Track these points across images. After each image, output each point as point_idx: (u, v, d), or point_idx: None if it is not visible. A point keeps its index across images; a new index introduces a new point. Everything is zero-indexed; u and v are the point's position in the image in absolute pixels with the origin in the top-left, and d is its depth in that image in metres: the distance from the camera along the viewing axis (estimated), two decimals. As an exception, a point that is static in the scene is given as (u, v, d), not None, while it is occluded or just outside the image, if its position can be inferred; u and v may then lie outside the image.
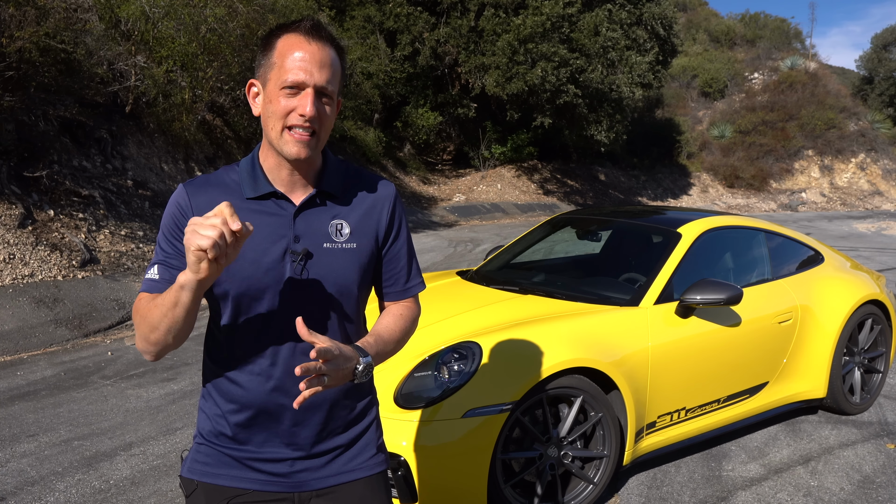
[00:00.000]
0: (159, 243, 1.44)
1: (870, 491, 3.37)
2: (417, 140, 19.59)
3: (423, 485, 2.66)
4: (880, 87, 34.95)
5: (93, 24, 8.91)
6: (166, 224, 1.43)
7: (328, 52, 1.38)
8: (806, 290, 4.11)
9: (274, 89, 1.36)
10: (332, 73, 1.38)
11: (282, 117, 1.36)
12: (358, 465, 1.51)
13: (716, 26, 37.55)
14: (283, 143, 1.37)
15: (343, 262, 1.45)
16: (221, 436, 1.47)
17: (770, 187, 28.53)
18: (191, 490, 1.48)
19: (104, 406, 4.29)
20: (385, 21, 17.76)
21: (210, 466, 1.48)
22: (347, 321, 1.49)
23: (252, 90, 1.43)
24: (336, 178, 1.49)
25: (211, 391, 1.49)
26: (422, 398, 2.75)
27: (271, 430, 1.45)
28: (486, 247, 11.81)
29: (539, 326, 3.08)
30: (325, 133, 1.41)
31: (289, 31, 1.38)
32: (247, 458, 1.46)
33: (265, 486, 1.46)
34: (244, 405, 1.44)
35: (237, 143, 12.64)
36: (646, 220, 4.41)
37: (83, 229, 7.48)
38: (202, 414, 1.51)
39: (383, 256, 1.55)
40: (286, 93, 1.35)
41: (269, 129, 1.39)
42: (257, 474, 1.46)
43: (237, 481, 1.46)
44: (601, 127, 19.47)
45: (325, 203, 1.46)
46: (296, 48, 1.35)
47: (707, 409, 3.60)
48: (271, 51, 1.38)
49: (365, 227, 1.49)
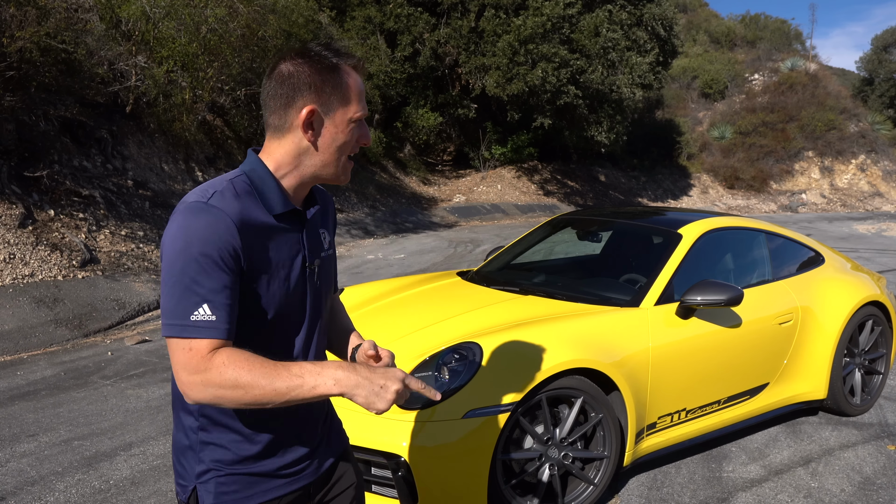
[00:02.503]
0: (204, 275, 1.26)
1: (870, 492, 3.37)
2: (418, 141, 19.59)
3: (423, 485, 2.66)
4: (880, 88, 34.94)
5: (93, 24, 8.91)
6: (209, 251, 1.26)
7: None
8: (806, 292, 4.11)
9: (343, 122, 1.42)
10: None
11: (349, 147, 1.45)
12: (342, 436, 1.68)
13: (716, 27, 37.55)
14: (342, 170, 1.46)
15: (332, 268, 1.60)
16: (247, 459, 1.42)
17: (770, 188, 28.53)
18: None
19: (104, 406, 4.29)
20: (385, 22, 17.76)
21: (239, 493, 1.42)
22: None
23: (312, 117, 1.38)
24: (317, 192, 1.58)
25: (222, 419, 1.41)
26: (422, 399, 2.75)
27: (294, 436, 1.49)
28: (487, 247, 11.81)
29: (539, 327, 3.08)
30: None
31: (354, 67, 1.44)
32: (275, 469, 1.46)
33: (293, 485, 1.49)
34: (272, 416, 1.41)
35: (237, 143, 12.64)
36: (646, 221, 4.41)
37: (83, 229, 7.48)
38: (215, 447, 1.41)
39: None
40: (354, 126, 1.44)
41: (328, 157, 1.42)
42: (282, 480, 1.47)
43: (269, 494, 1.45)
44: (601, 128, 19.47)
45: (316, 215, 1.54)
46: (358, 83, 1.44)
47: (707, 410, 3.60)
48: (343, 88, 1.40)
49: (331, 232, 1.63)
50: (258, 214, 1.35)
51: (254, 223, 1.34)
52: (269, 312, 1.38)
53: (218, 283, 1.26)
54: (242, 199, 1.35)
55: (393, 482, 2.68)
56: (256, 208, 1.36)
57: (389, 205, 16.22)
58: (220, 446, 1.41)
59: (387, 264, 9.75)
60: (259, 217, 1.35)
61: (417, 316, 3.50)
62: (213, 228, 1.27)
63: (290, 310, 1.43)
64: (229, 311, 1.28)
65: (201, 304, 1.25)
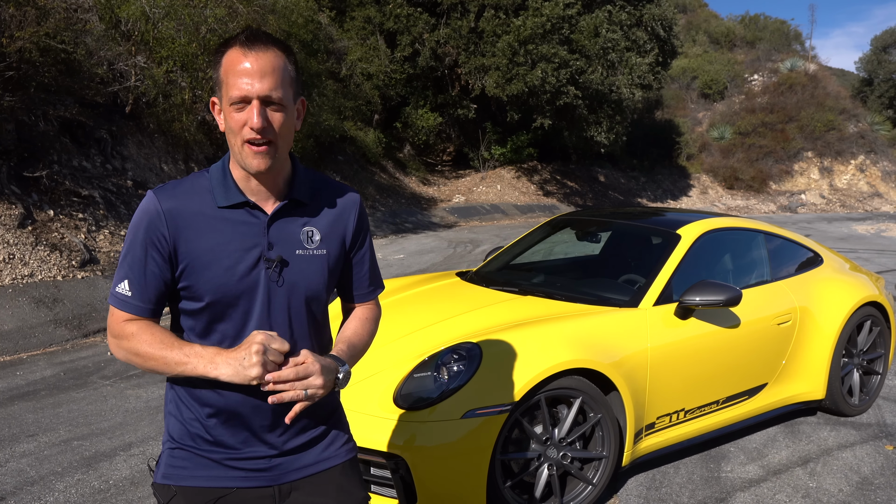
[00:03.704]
0: (128, 253, 1.43)
1: (868, 492, 3.37)
2: (417, 141, 19.59)
3: (423, 486, 2.66)
4: (880, 88, 34.95)
5: (93, 24, 8.91)
6: (136, 233, 1.42)
7: (269, 57, 1.37)
8: (805, 292, 4.11)
9: (226, 106, 1.39)
10: (277, 79, 1.38)
11: (237, 132, 1.38)
12: (332, 453, 1.57)
13: (716, 28, 37.55)
14: (244, 157, 1.40)
15: (314, 267, 1.50)
16: (198, 438, 1.48)
17: (769, 189, 28.54)
18: (169, 496, 1.48)
19: (104, 406, 4.29)
20: (385, 22, 17.76)
21: (188, 470, 1.48)
22: (317, 324, 1.55)
23: (215, 107, 1.46)
24: (305, 187, 1.52)
25: (182, 395, 1.49)
26: (421, 399, 2.75)
27: (249, 432, 1.48)
28: (486, 248, 11.82)
29: (538, 327, 3.09)
30: (283, 141, 1.42)
31: (229, 47, 1.39)
32: (225, 459, 1.48)
33: (246, 483, 1.48)
34: (220, 409, 1.46)
35: (237, 143, 12.63)
36: (645, 222, 4.41)
37: (83, 229, 7.48)
38: (172, 419, 1.51)
39: (351, 261, 1.61)
40: (235, 108, 1.37)
41: (231, 145, 1.42)
42: (237, 472, 1.48)
43: (218, 481, 1.47)
44: (601, 128, 19.47)
45: (297, 211, 1.49)
46: (236, 62, 1.37)
47: (706, 410, 3.61)
48: (218, 68, 1.41)
49: (333, 233, 1.54)
50: (202, 206, 1.43)
51: (191, 213, 1.41)
52: (204, 298, 1.43)
53: (139, 263, 1.41)
54: (193, 192, 1.44)
55: (392, 482, 2.69)
56: (203, 200, 1.44)
57: (389, 205, 16.22)
58: (178, 420, 1.50)
59: (386, 265, 9.76)
60: (201, 208, 1.42)
61: (417, 316, 3.50)
62: (145, 213, 1.42)
63: (232, 300, 1.43)
64: (144, 290, 1.42)
65: (123, 280, 1.43)
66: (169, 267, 1.42)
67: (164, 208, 1.41)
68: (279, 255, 1.45)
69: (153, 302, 1.43)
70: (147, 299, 1.42)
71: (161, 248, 1.41)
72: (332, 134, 14.62)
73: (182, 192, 1.44)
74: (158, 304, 1.45)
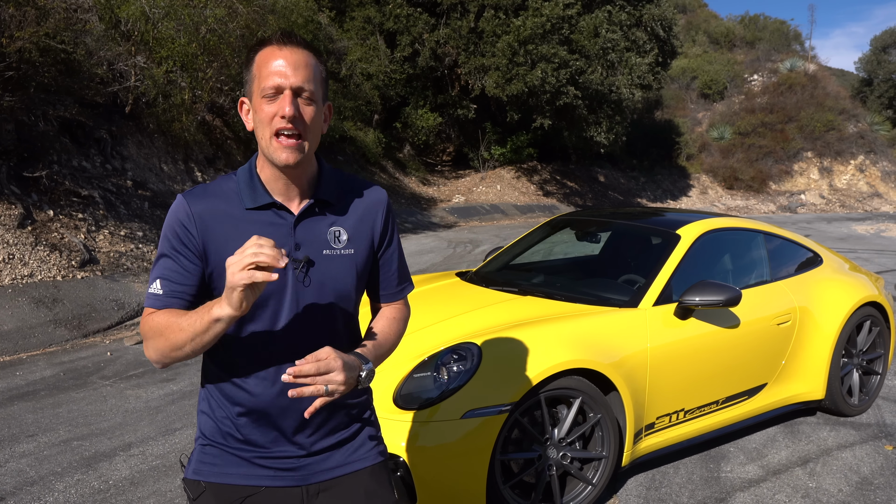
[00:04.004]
0: (161, 255, 1.46)
1: (868, 492, 3.37)
2: (417, 141, 19.59)
3: (422, 486, 2.66)
4: (879, 89, 34.97)
5: (93, 24, 8.91)
6: (168, 238, 1.45)
7: (302, 54, 1.41)
8: (805, 292, 4.12)
9: (257, 99, 1.41)
10: (309, 73, 1.41)
11: (268, 123, 1.39)
12: (361, 455, 1.57)
13: (715, 28, 37.56)
14: (272, 150, 1.41)
15: (342, 267, 1.50)
16: (229, 436, 1.50)
17: (769, 189, 28.55)
18: (198, 493, 1.49)
19: (103, 406, 4.29)
20: (385, 22, 17.77)
21: (217, 466, 1.50)
22: (346, 324, 1.55)
23: (243, 107, 1.48)
24: (331, 186, 1.52)
25: (213, 393, 1.52)
26: (421, 399, 2.75)
27: (278, 431, 1.49)
28: (486, 248, 11.82)
29: (538, 328, 3.09)
30: (312, 136, 1.43)
31: (264, 45, 1.43)
32: (254, 457, 1.50)
33: (275, 482, 1.50)
34: (251, 409, 1.48)
35: (237, 143, 12.65)
36: (645, 222, 4.41)
37: (83, 229, 7.48)
38: (205, 417, 1.53)
39: (378, 260, 1.60)
40: (267, 100, 1.39)
41: (260, 139, 1.43)
42: (265, 470, 1.50)
43: (247, 479, 1.49)
44: (601, 128, 19.48)
45: (323, 211, 1.50)
46: (270, 57, 1.40)
47: (706, 410, 3.61)
48: (251, 65, 1.43)
49: (361, 232, 1.54)
50: (230, 208, 1.45)
51: (219, 215, 1.44)
52: None
53: (171, 264, 1.44)
54: (221, 194, 1.46)
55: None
56: (231, 202, 1.45)
57: (389, 205, 16.19)
58: (210, 418, 1.52)
59: (386, 265, 9.73)
60: (229, 210, 1.44)
61: (416, 316, 3.48)
62: (175, 216, 1.45)
63: (261, 301, 1.44)
64: (175, 287, 1.43)
65: (155, 280, 1.44)
66: (200, 268, 1.44)
67: (194, 211, 1.44)
68: (306, 256, 1.46)
69: (184, 300, 1.44)
70: (178, 295, 1.44)
71: (192, 248, 1.43)
72: (331, 134, 14.62)
73: (210, 194, 1.47)
74: (190, 304, 1.45)
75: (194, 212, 1.44)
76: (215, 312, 1.29)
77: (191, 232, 1.43)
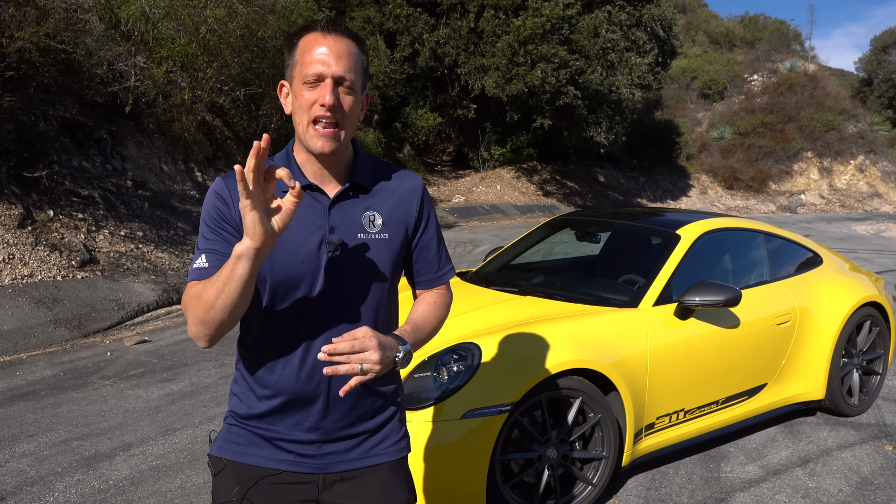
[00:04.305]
0: (203, 234, 1.47)
1: (868, 492, 3.38)
2: (417, 141, 19.58)
3: (423, 486, 2.66)
4: (879, 89, 34.97)
5: (93, 24, 8.91)
6: (208, 215, 1.46)
7: (346, 43, 1.42)
8: (804, 292, 4.12)
9: (298, 85, 1.42)
10: (351, 63, 1.42)
11: (307, 110, 1.41)
12: (382, 450, 1.57)
13: (715, 28, 37.56)
14: (309, 137, 1.42)
15: (376, 251, 1.51)
16: (253, 417, 1.51)
17: (769, 189, 28.55)
18: (219, 469, 1.52)
19: (103, 406, 4.29)
20: (385, 22, 17.76)
21: (240, 446, 1.52)
22: (381, 308, 1.55)
23: (283, 90, 1.49)
24: (366, 172, 1.53)
25: (244, 374, 1.53)
26: (421, 399, 2.75)
27: (302, 414, 1.50)
28: (486, 248, 11.82)
29: (538, 328, 3.09)
30: (349, 125, 1.44)
31: (308, 31, 1.44)
32: (276, 439, 1.51)
33: (292, 467, 1.51)
34: (278, 391, 1.49)
35: (237, 143, 12.64)
36: (645, 222, 4.41)
37: (82, 229, 7.48)
38: (234, 397, 1.55)
39: (414, 246, 1.60)
40: (308, 87, 1.40)
41: (297, 125, 1.44)
42: (286, 454, 1.51)
43: (266, 461, 1.51)
44: (601, 128, 19.47)
45: (358, 195, 1.51)
46: (314, 44, 1.41)
47: (706, 410, 3.61)
48: (294, 50, 1.44)
49: (396, 218, 1.54)
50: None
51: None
52: (267, 279, 1.45)
53: (214, 241, 1.44)
54: None
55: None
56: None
57: (389, 205, 16.20)
58: (238, 398, 1.54)
59: (386, 265, 9.74)
60: None
61: (416, 316, 3.50)
62: (214, 196, 1.46)
63: (294, 282, 1.45)
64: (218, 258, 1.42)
65: (200, 256, 1.44)
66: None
67: (230, 187, 1.46)
68: (340, 239, 1.46)
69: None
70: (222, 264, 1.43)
71: (231, 223, 1.44)
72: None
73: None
74: None
75: (231, 188, 1.46)
76: (237, 249, 1.28)
77: (230, 206, 1.44)
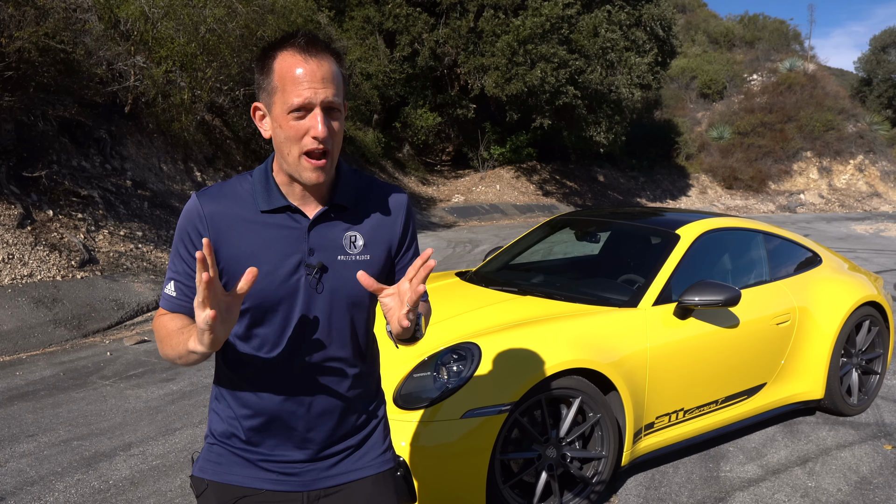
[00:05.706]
0: (173, 254, 1.45)
1: (867, 492, 3.38)
2: (416, 141, 19.59)
3: (422, 485, 2.67)
4: (879, 88, 34.98)
5: (92, 24, 8.91)
6: (180, 236, 1.43)
7: (328, 64, 1.34)
8: (804, 292, 4.12)
9: (281, 114, 1.33)
10: (336, 85, 1.35)
11: (296, 142, 1.34)
12: (366, 463, 1.55)
13: (715, 28, 37.58)
14: (301, 170, 1.36)
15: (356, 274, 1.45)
16: (234, 437, 1.50)
17: (768, 189, 28.57)
18: (201, 489, 1.50)
19: (103, 406, 4.29)
20: (384, 22, 17.77)
21: (222, 466, 1.50)
22: (360, 331, 1.51)
23: (258, 114, 1.41)
24: (349, 191, 1.48)
25: (224, 394, 1.51)
26: (421, 399, 2.75)
27: (284, 436, 1.48)
28: (485, 248, 11.82)
29: (538, 327, 3.09)
30: (337, 149, 1.39)
31: (284, 50, 1.33)
32: (258, 460, 1.49)
33: (276, 486, 1.49)
34: (258, 411, 1.47)
35: (236, 143, 12.65)
36: (644, 222, 4.42)
37: (82, 229, 7.47)
38: (214, 415, 1.53)
39: (396, 263, 1.55)
40: (294, 116, 1.32)
41: (284, 155, 1.37)
42: (268, 474, 1.49)
43: (248, 480, 1.49)
44: (600, 128, 19.49)
45: (339, 216, 1.46)
46: (294, 67, 1.31)
47: (705, 410, 3.61)
48: (270, 73, 1.35)
49: (378, 238, 1.49)
50: (243, 210, 1.42)
51: (232, 217, 1.41)
52: (244, 302, 1.40)
53: (184, 265, 1.43)
54: (235, 196, 1.43)
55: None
56: (245, 204, 1.43)
57: (388, 205, 16.19)
58: (219, 418, 1.52)
59: (385, 264, 9.74)
60: (243, 212, 1.42)
61: (416, 316, 3.50)
62: (188, 217, 1.43)
63: (272, 305, 1.41)
64: (188, 290, 1.43)
65: (169, 282, 1.44)
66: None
67: (206, 212, 1.41)
68: (319, 262, 1.42)
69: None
70: (189, 301, 1.42)
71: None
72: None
73: (224, 195, 1.43)
74: None
75: (206, 213, 1.41)
76: (191, 345, 1.26)
77: (202, 234, 1.40)
